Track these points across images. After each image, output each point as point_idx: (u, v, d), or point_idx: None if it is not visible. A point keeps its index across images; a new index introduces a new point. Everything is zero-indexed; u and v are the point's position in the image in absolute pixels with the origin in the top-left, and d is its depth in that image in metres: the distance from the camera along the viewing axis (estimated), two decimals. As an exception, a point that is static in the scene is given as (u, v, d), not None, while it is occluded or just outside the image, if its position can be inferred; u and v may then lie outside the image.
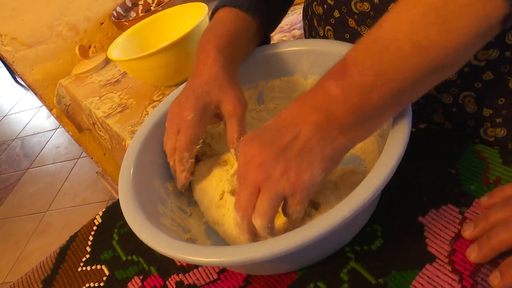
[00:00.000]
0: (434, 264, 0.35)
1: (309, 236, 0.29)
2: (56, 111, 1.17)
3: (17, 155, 2.64)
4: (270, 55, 0.52)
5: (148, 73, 0.73)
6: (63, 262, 0.54)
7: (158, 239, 0.35)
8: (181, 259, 0.34)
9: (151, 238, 0.36)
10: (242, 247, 0.32)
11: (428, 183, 0.41)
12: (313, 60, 0.49)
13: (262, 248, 0.30)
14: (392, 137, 0.33)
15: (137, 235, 0.37)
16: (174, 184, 0.49)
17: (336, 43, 0.47)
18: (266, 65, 0.52)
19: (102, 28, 1.16)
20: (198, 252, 0.33)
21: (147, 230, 0.36)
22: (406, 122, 0.33)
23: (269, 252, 0.30)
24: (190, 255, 0.33)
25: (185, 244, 0.35)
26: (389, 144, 0.32)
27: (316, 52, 0.49)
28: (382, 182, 0.30)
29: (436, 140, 0.46)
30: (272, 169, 0.31)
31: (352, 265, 0.38)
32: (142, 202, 0.41)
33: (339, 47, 0.46)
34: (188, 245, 0.35)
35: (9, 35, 1.02)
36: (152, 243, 0.35)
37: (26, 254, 1.85)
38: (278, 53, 0.51)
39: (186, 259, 0.33)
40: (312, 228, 0.29)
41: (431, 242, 0.37)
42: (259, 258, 0.30)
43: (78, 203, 2.00)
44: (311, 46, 0.49)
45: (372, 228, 0.40)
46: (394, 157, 0.31)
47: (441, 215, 0.39)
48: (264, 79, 0.54)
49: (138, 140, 0.47)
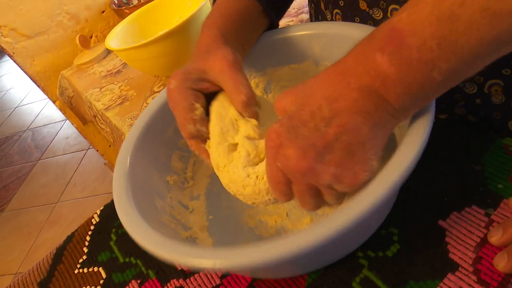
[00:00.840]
0: (457, 273, 0.32)
1: (315, 240, 0.26)
2: (59, 103, 1.15)
3: (28, 146, 2.67)
4: (278, 41, 0.48)
5: (147, 62, 0.70)
6: (59, 264, 0.52)
7: (151, 239, 0.32)
8: (174, 261, 0.31)
9: (144, 237, 0.33)
10: (247, 249, 0.28)
11: (450, 182, 0.38)
12: (324, 45, 0.45)
13: (268, 250, 0.27)
14: (411, 127, 0.29)
15: (130, 234, 0.34)
16: (175, 178, 0.47)
17: (351, 25, 0.43)
18: (273, 51, 0.49)
19: (103, 16, 1.13)
20: (194, 254, 0.30)
21: (141, 229, 0.34)
22: (428, 109, 0.29)
23: (275, 255, 0.27)
24: (184, 256, 0.30)
25: (181, 245, 0.31)
26: (408, 135, 0.29)
27: (328, 36, 0.44)
28: (399, 179, 0.26)
29: (458, 132, 0.41)
30: (322, 177, 0.27)
31: (365, 274, 0.35)
32: (138, 198, 0.38)
33: (353, 30, 0.41)
34: (185, 246, 0.31)
35: (8, 26, 0.99)
36: (145, 243, 0.32)
37: (38, 245, 1.87)
38: (286, 38, 0.47)
39: (178, 261, 0.30)
40: (318, 230, 0.26)
41: (453, 249, 0.34)
42: (264, 261, 0.27)
43: (88, 194, 2.00)
44: (322, 30, 0.45)
45: (387, 231, 0.36)
46: (414, 150, 0.27)
47: (465, 218, 0.35)
48: (272, 67, 0.50)
49: (135, 132, 0.45)
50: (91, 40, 1.12)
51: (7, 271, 1.78)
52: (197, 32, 0.44)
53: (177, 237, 0.39)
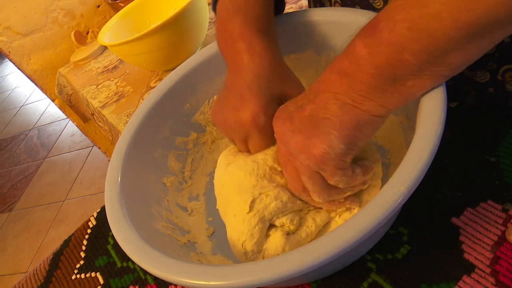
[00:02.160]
0: (473, 275, 0.30)
1: (317, 259, 0.23)
2: (58, 102, 1.13)
3: (34, 145, 2.68)
4: (278, 29, 0.45)
5: (142, 57, 0.67)
6: (56, 270, 0.50)
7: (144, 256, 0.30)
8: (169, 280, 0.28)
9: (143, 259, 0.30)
10: (250, 267, 0.26)
11: (462, 176, 0.35)
12: (327, 33, 0.42)
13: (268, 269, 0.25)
14: (421, 128, 0.26)
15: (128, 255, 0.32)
16: (172, 179, 0.45)
17: (354, 11, 0.40)
18: None
19: (99, 11, 1.10)
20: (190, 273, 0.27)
21: (140, 250, 0.31)
22: (439, 106, 0.27)
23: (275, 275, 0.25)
24: (178, 275, 0.27)
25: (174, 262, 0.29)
26: (417, 138, 0.26)
27: (330, 23, 0.42)
28: (408, 190, 0.23)
29: (470, 121, 0.39)
30: (291, 146, 0.30)
31: (373, 278, 0.32)
32: (132, 207, 0.36)
33: (358, 17, 0.38)
34: (179, 263, 0.29)
35: (2, 24, 0.97)
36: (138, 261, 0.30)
37: (47, 243, 1.88)
38: (286, 26, 0.44)
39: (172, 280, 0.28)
40: (320, 248, 0.24)
41: (468, 249, 0.31)
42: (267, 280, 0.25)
43: (94, 191, 2.00)
44: (325, 16, 0.42)
45: (396, 231, 0.34)
46: (424, 156, 0.24)
47: (480, 214, 0.33)
48: None
49: (127, 135, 0.43)
50: (87, 36, 1.10)
51: (18, 270, 1.79)
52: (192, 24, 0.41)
53: (173, 245, 0.37)
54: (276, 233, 0.33)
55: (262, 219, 0.33)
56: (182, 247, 0.39)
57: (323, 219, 0.34)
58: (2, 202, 2.27)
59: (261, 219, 0.33)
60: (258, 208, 0.33)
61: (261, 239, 0.33)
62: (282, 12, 0.46)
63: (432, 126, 0.26)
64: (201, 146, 0.49)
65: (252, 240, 0.33)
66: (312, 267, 0.23)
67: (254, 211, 0.33)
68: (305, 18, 0.43)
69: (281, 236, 0.33)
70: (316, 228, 0.34)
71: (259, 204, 0.33)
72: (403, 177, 0.24)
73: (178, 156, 0.47)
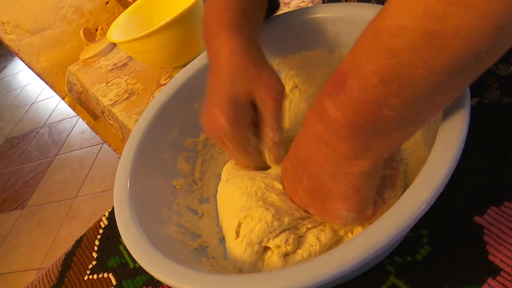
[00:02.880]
0: (498, 278, 0.28)
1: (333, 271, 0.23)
2: (68, 99, 1.13)
3: (45, 142, 2.70)
4: (288, 25, 0.44)
5: (152, 54, 0.67)
6: (69, 270, 0.50)
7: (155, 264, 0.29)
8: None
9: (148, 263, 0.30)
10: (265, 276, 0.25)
11: (485, 173, 0.34)
12: (340, 29, 0.41)
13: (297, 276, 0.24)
14: (444, 128, 0.25)
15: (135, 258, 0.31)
16: (181, 181, 0.44)
17: (370, 7, 0.38)
18: (283, 37, 0.44)
19: (108, 8, 1.10)
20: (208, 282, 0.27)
21: (144, 252, 0.30)
22: (462, 107, 0.25)
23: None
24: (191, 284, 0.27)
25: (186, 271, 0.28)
26: (440, 140, 0.24)
27: (344, 19, 0.40)
28: (432, 196, 0.22)
29: (491, 117, 0.37)
30: (308, 206, 0.31)
31: (392, 281, 0.31)
32: (142, 213, 0.35)
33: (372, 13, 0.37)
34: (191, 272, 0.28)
35: (11, 23, 0.97)
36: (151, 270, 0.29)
37: (60, 240, 1.90)
38: (298, 22, 0.43)
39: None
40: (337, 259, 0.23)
41: (493, 250, 0.30)
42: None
43: (105, 188, 2.02)
44: (338, 12, 0.41)
45: (416, 233, 0.33)
46: (449, 158, 0.23)
47: (504, 213, 0.31)
48: (282, 54, 0.46)
49: (135, 137, 0.42)
50: (96, 33, 1.10)
51: (31, 266, 1.82)
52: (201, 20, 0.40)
53: (185, 250, 0.36)
54: (272, 256, 0.32)
55: (249, 243, 0.32)
56: (193, 252, 0.38)
57: (328, 237, 0.32)
58: (15, 199, 2.30)
59: (249, 243, 0.32)
60: (245, 233, 0.32)
61: (255, 263, 0.32)
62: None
63: (455, 127, 0.24)
64: (211, 147, 0.48)
65: (246, 265, 0.32)
66: (334, 277, 0.22)
67: (241, 237, 0.32)
68: (317, 13, 0.42)
69: (277, 258, 0.31)
70: (321, 247, 0.31)
71: (244, 229, 0.32)
72: (427, 182, 0.23)
73: (188, 158, 0.46)
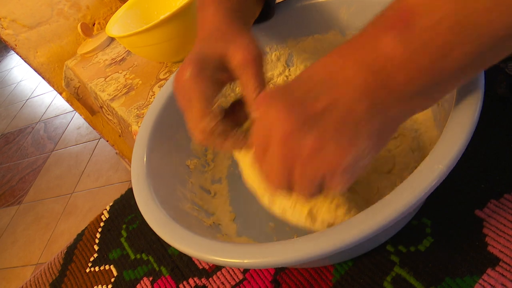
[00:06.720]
0: (498, 268, 0.29)
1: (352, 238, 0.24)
2: (66, 95, 1.12)
3: (41, 138, 2.69)
4: (300, 8, 0.44)
5: (151, 49, 0.66)
6: (70, 263, 0.50)
7: (175, 235, 0.30)
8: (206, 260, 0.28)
9: (169, 234, 0.31)
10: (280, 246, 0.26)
11: (486, 166, 0.34)
12: (353, 12, 0.41)
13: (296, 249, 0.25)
14: (458, 106, 0.26)
15: (155, 231, 0.32)
16: (195, 161, 0.44)
17: None
18: (296, 20, 0.45)
19: (105, 2, 1.09)
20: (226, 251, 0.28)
21: (165, 225, 0.31)
22: (476, 86, 0.26)
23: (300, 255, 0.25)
24: (218, 255, 0.27)
25: (211, 242, 0.29)
26: (455, 115, 0.25)
27: (358, 2, 0.40)
28: (447, 168, 0.23)
29: (494, 109, 0.37)
30: (302, 145, 0.24)
31: (397, 271, 0.32)
32: (159, 188, 0.36)
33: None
34: (216, 243, 0.29)
35: (8, 17, 0.96)
36: (171, 241, 0.30)
37: (57, 235, 1.90)
38: (310, 5, 0.43)
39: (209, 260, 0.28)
40: (355, 227, 0.24)
41: (492, 241, 0.30)
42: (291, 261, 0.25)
43: (102, 183, 2.01)
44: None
45: (419, 221, 0.33)
46: (464, 133, 0.24)
47: (504, 206, 0.32)
48: (294, 38, 0.46)
49: (151, 117, 0.42)
50: (93, 28, 1.09)
51: (28, 262, 1.81)
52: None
53: (200, 226, 0.37)
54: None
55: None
56: (208, 228, 0.39)
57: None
58: (12, 195, 2.29)
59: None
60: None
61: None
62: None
63: (470, 106, 0.25)
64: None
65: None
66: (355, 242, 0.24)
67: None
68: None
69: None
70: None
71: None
72: (442, 154, 0.24)
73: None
